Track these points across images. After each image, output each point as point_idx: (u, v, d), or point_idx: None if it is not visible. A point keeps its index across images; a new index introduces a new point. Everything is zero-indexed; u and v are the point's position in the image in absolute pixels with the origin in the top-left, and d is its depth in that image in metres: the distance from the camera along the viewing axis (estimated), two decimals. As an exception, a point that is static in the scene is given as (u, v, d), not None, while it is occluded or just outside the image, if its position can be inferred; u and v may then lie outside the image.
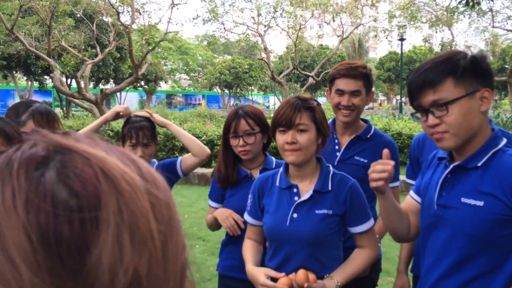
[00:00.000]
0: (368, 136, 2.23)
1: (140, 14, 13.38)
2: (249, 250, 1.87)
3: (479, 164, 1.40)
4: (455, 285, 1.43)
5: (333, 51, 19.48)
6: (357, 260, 1.76)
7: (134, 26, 13.21)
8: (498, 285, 1.38)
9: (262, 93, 45.04)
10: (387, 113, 23.51)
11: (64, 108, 22.70)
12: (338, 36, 18.04)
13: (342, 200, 1.73)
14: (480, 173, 1.40)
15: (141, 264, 0.36)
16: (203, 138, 9.03)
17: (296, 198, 1.75)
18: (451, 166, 1.47)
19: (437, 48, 22.26)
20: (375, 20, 18.58)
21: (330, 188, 1.73)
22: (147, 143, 2.24)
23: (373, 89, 2.29)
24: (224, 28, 17.39)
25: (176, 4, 13.36)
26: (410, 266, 2.27)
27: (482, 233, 1.36)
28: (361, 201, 1.77)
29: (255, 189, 1.88)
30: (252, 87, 39.88)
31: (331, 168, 1.81)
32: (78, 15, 15.58)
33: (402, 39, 20.10)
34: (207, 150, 2.41)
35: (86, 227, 0.35)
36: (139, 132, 2.21)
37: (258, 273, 1.70)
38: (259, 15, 17.30)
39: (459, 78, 1.37)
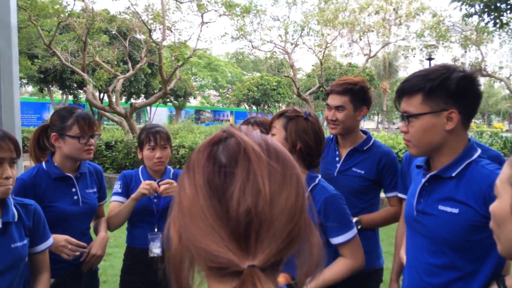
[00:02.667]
0: (365, 148, 2.30)
1: (171, 31, 13.81)
2: None
3: (453, 174, 1.48)
4: (437, 286, 1.51)
5: (359, 70, 19.42)
6: (335, 268, 1.74)
7: (165, 43, 13.62)
8: (477, 287, 1.45)
9: (290, 110, 44.95)
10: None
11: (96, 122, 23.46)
12: (365, 55, 18.08)
13: (316, 211, 1.71)
14: (455, 183, 1.48)
15: (255, 200, 0.61)
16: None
17: None
18: (428, 176, 1.55)
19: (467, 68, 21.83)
20: (403, 39, 18.43)
21: None
22: (164, 145, 2.44)
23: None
24: (252, 45, 17.70)
25: (206, 23, 13.73)
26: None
27: (458, 238, 1.44)
28: (338, 212, 1.74)
29: None
30: (280, 104, 40.06)
31: (317, 179, 1.82)
32: (113, 32, 16.20)
33: (430, 59, 19.83)
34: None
35: (227, 176, 0.63)
36: (156, 135, 2.40)
37: None
38: (286, 33, 17.55)
39: (427, 95, 1.44)
